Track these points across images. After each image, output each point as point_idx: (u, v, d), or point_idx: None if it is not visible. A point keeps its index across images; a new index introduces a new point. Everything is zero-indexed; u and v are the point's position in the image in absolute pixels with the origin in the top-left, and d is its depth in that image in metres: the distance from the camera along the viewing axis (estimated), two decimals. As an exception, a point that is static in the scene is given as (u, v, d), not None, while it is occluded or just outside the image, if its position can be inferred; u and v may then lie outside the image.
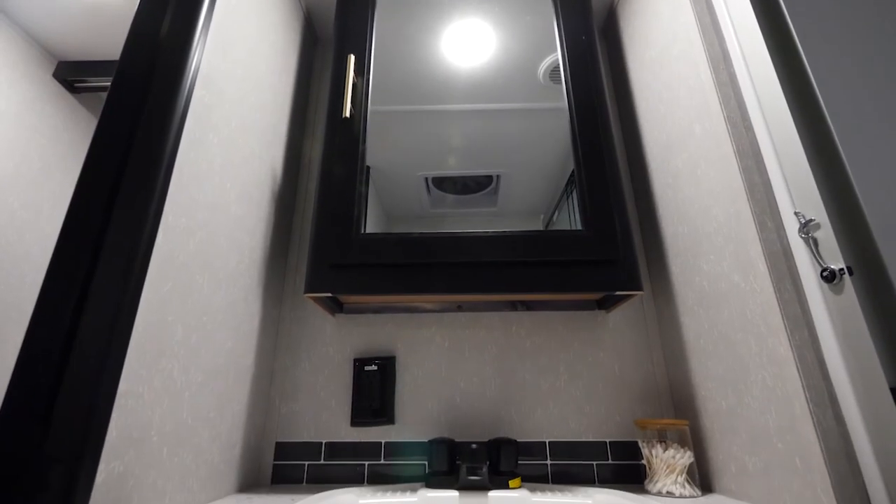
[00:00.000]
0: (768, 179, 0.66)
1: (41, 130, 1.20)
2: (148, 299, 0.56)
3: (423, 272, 0.81)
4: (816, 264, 0.59)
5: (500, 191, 0.96)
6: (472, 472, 0.72)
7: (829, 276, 0.57)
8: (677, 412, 0.89)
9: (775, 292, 0.61)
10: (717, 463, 0.76)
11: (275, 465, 0.89)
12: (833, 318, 0.57)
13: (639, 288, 0.80)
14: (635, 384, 0.93)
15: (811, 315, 0.59)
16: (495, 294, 0.81)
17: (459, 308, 0.98)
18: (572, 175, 0.90)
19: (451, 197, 0.95)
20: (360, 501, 0.70)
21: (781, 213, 0.64)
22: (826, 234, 0.59)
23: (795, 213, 0.62)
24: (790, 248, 0.62)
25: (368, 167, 0.96)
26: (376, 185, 0.95)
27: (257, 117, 0.90)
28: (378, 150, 0.95)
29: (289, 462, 0.89)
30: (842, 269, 0.56)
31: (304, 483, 0.87)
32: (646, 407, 0.91)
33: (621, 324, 0.97)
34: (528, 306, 0.98)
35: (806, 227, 0.61)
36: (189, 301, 0.65)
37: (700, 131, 0.79)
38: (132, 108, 0.60)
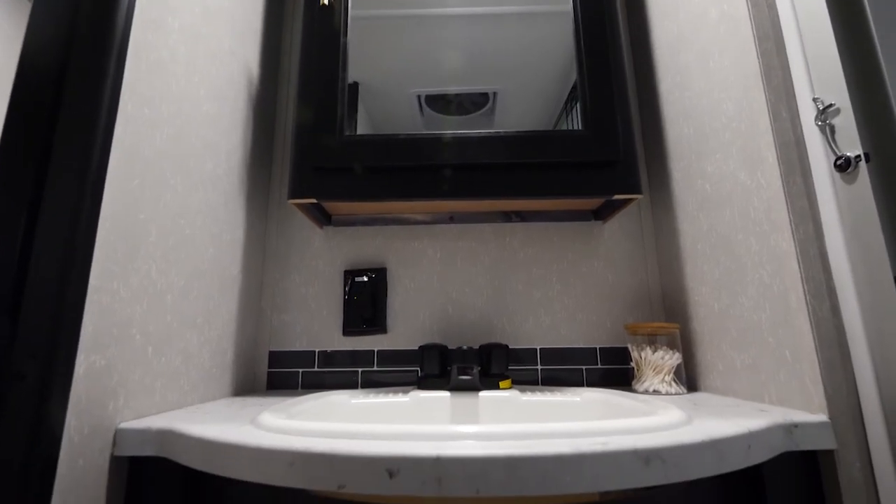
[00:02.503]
0: (787, 63, 0.60)
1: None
2: (114, 193, 0.52)
3: (412, 176, 0.77)
4: (830, 153, 0.55)
5: (496, 110, 0.89)
6: (462, 372, 0.73)
7: (843, 165, 0.53)
8: (668, 319, 0.89)
9: (783, 186, 0.58)
10: (704, 364, 0.77)
11: (269, 373, 0.90)
12: (841, 208, 0.54)
13: (638, 191, 0.77)
14: (628, 293, 0.92)
15: (818, 208, 0.56)
16: (488, 198, 0.77)
17: (451, 219, 0.95)
18: (573, 90, 0.83)
19: (445, 118, 0.88)
20: (353, 401, 0.71)
21: (798, 100, 0.59)
22: (845, 120, 0.54)
23: (814, 99, 0.57)
24: (803, 137, 0.58)
25: (357, 83, 0.88)
26: (366, 105, 0.88)
27: (225, 5, 0.81)
28: (366, 64, 0.86)
29: (283, 370, 0.90)
30: (858, 157, 0.52)
31: (300, 389, 0.89)
32: (637, 314, 0.91)
33: (617, 234, 0.95)
34: (523, 217, 0.95)
35: (824, 114, 0.56)
36: (162, 201, 0.61)
37: (716, 15, 0.71)
38: (70, -27, 0.52)
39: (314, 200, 0.78)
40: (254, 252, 0.91)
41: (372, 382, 0.89)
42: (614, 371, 0.89)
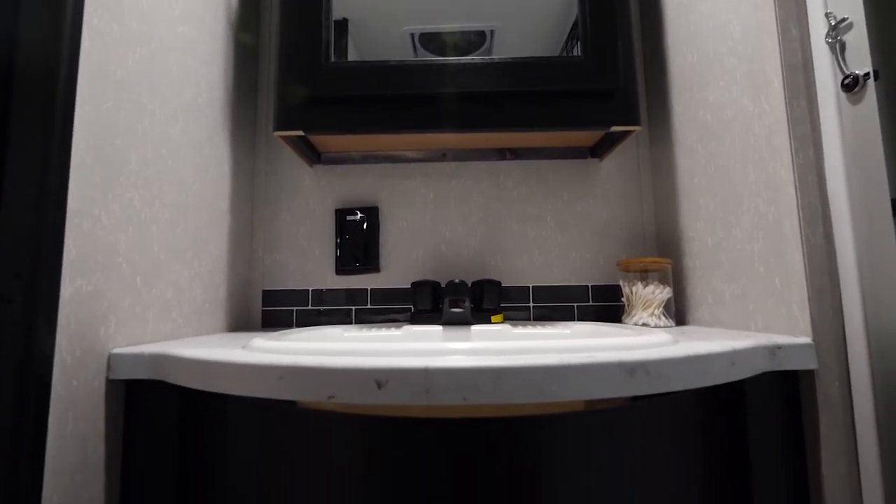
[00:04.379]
0: (802, -25, 0.56)
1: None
2: (86, 114, 0.50)
3: (403, 107, 0.74)
4: (838, 73, 0.53)
5: (493, 51, 0.84)
6: (454, 304, 0.74)
7: (850, 84, 0.51)
8: (662, 256, 0.89)
9: (787, 109, 0.56)
10: (694, 298, 0.78)
11: (264, 311, 0.91)
12: (844, 131, 0.52)
13: (636, 123, 0.74)
14: (622, 232, 0.92)
15: (820, 132, 0.54)
16: (482, 130, 0.75)
17: (444, 157, 0.92)
18: (573, 28, 0.78)
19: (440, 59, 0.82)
20: (346, 334, 0.72)
21: (809, 16, 0.55)
22: (857, 36, 0.51)
23: (826, 15, 0.54)
24: (811, 57, 0.55)
25: (346, 19, 0.82)
26: (356, 43, 0.82)
27: (195, -84, 0.74)
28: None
29: (277, 308, 0.91)
30: (867, 74, 0.50)
31: (294, 326, 0.90)
32: (631, 253, 0.91)
33: (613, 172, 0.93)
34: (517, 154, 0.92)
35: (835, 30, 0.53)
36: (140, 128, 0.59)
37: (729, -74, 0.66)
38: None
39: (301, 133, 0.75)
40: (242, 190, 0.89)
41: (366, 320, 0.90)
42: (605, 308, 0.90)
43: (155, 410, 0.52)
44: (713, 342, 0.49)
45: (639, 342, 0.45)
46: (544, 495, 0.41)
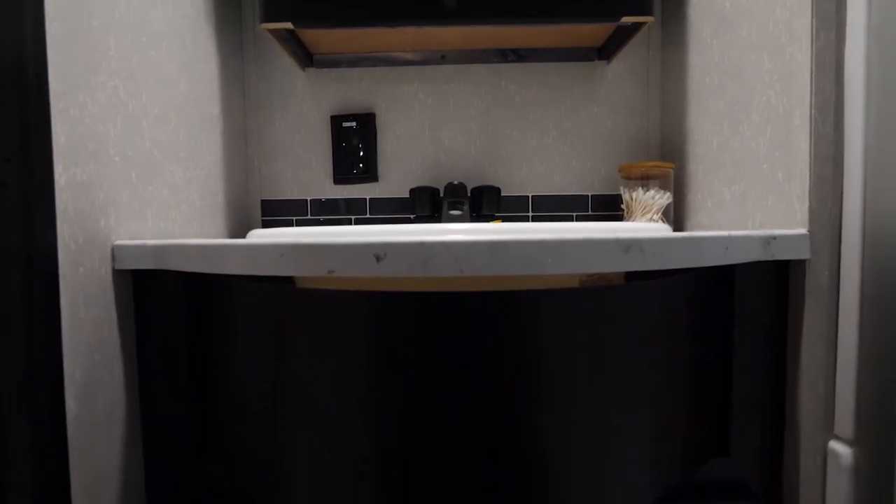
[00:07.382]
0: None
1: None
2: (55, -13, 0.46)
3: (398, -5, 0.69)
4: (875, -61, 0.48)
5: None
6: (453, 206, 0.74)
7: (885, -49, 0.47)
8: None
9: (812, -14, 0.52)
10: (695, 204, 0.77)
11: (263, 221, 0.91)
12: (871, 6, 0.48)
13: (648, 13, 0.69)
14: (626, 139, 0.89)
15: (846, 9, 0.50)
16: (484, 22, 0.70)
17: (443, 59, 0.88)
18: None
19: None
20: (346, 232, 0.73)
21: None
22: None
23: None
24: (848, -78, 0.50)
25: None
26: None
27: None
28: None
29: (276, 218, 0.91)
30: (906, -62, 0.46)
31: (295, 235, 0.91)
32: (634, 161, 0.89)
33: (621, 76, 0.89)
34: (520, 56, 0.87)
35: None
36: (116, 10, 0.55)
37: None
38: None
39: (290, 26, 0.70)
40: (232, 94, 0.85)
41: (366, 230, 0.91)
42: (604, 217, 0.90)
43: (162, 297, 0.54)
44: (708, 231, 0.49)
45: (634, 226, 0.45)
46: (541, 368, 0.43)
